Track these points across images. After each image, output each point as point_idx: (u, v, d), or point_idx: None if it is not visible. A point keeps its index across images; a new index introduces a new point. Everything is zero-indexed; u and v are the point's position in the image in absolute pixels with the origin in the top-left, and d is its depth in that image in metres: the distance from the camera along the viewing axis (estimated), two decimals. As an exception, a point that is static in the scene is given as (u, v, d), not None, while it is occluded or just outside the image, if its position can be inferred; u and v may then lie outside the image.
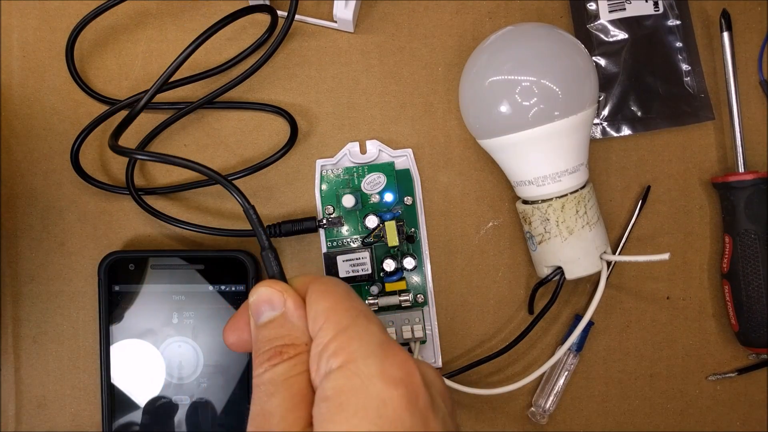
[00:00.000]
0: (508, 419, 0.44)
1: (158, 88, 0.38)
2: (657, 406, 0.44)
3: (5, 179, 0.44)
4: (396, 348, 0.26)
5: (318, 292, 0.28)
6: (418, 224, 0.43)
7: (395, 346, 0.26)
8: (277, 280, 0.29)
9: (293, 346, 0.27)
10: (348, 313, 0.27)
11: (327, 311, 0.27)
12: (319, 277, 0.29)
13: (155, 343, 0.42)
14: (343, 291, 0.28)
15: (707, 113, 0.43)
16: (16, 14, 0.44)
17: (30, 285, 0.44)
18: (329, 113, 0.44)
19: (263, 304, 0.28)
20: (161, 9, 0.44)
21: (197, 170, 0.33)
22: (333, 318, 0.27)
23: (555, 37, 0.38)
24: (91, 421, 0.44)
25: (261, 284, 0.29)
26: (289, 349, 0.27)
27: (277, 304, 0.28)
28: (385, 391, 0.24)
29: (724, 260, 0.42)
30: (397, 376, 0.25)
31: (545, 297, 0.42)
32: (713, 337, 0.44)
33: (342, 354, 0.25)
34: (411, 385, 0.25)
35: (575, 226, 0.39)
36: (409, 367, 0.26)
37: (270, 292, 0.28)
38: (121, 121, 0.39)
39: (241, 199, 0.31)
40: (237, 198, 0.31)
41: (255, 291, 0.29)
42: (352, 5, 0.41)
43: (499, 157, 0.40)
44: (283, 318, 0.28)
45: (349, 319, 0.27)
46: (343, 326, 0.26)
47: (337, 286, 0.28)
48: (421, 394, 0.25)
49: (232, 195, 0.32)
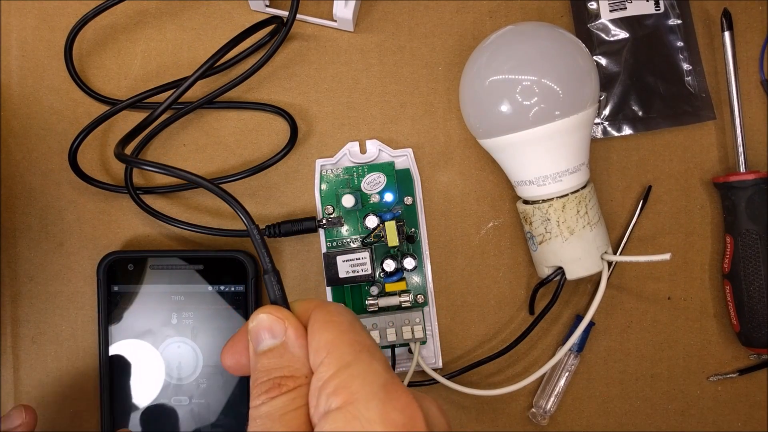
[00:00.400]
0: (508, 420, 0.44)
1: (169, 105, 0.38)
2: (658, 407, 0.44)
3: (4, 179, 0.44)
4: (399, 389, 0.25)
5: (321, 321, 0.27)
6: (418, 224, 0.43)
7: (399, 386, 0.25)
8: (278, 306, 0.28)
9: (292, 378, 0.26)
10: (351, 348, 0.26)
11: (329, 344, 0.26)
12: (322, 304, 0.28)
13: (154, 343, 0.42)
14: (347, 322, 0.27)
15: (708, 113, 0.43)
16: (15, 13, 0.44)
17: (29, 285, 0.44)
18: (329, 113, 0.44)
19: (263, 331, 0.27)
20: (160, 8, 0.44)
21: (207, 188, 0.31)
22: (335, 352, 0.26)
23: (556, 37, 0.38)
24: (90, 422, 0.43)
25: (262, 310, 0.28)
26: (288, 382, 0.26)
27: (278, 333, 0.27)
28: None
29: (725, 260, 0.42)
30: (399, 421, 0.24)
31: (546, 297, 0.42)
32: (714, 337, 0.44)
33: (343, 393, 0.25)
34: (413, 430, 0.24)
35: (576, 226, 0.39)
36: (411, 411, 0.25)
37: (271, 320, 0.27)
38: (130, 131, 0.39)
39: (246, 219, 0.30)
40: (242, 217, 0.30)
41: (255, 316, 0.28)
42: (352, 5, 0.41)
43: (499, 157, 0.40)
44: (283, 347, 0.27)
45: (352, 355, 0.26)
46: (345, 362, 0.25)
47: (341, 315, 0.27)
48: None
49: (237, 213, 0.30)
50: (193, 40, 0.44)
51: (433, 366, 0.43)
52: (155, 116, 0.38)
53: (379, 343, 0.41)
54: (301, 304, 0.29)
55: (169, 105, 0.38)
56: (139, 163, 0.38)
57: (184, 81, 0.38)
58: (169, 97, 0.38)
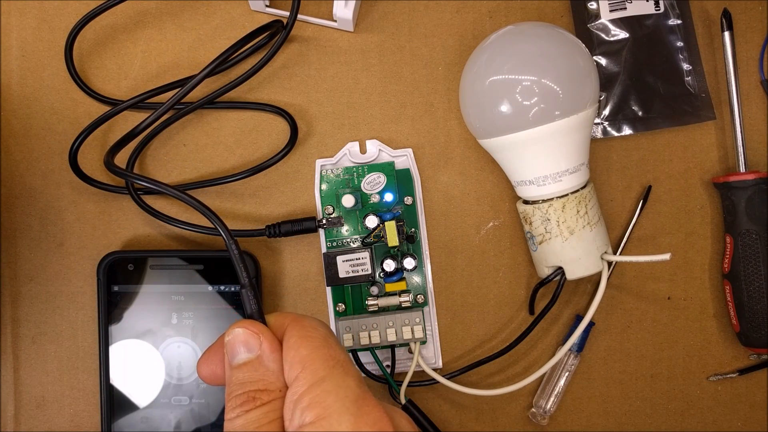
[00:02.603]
0: (508, 420, 0.44)
1: (166, 110, 0.38)
2: (658, 407, 0.44)
3: (4, 179, 0.44)
4: (371, 404, 0.26)
5: (296, 337, 0.28)
6: (418, 224, 0.43)
7: (370, 401, 0.26)
8: (254, 321, 0.29)
9: (267, 392, 0.27)
10: (325, 363, 0.27)
11: (304, 359, 0.27)
12: (298, 318, 0.29)
13: (154, 343, 0.42)
14: (322, 337, 0.28)
15: (708, 113, 0.43)
16: (15, 14, 0.44)
17: (29, 285, 0.44)
18: (329, 113, 0.44)
19: (239, 345, 0.28)
20: (160, 9, 0.44)
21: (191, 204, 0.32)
22: (309, 367, 0.26)
23: (555, 37, 0.38)
24: (90, 422, 0.43)
25: (237, 324, 0.28)
26: (263, 395, 0.27)
27: (253, 347, 0.28)
28: None
29: (725, 260, 0.42)
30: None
31: (546, 297, 0.42)
32: (714, 337, 0.44)
33: (316, 408, 0.25)
34: None
35: (576, 226, 0.39)
36: (383, 425, 0.25)
37: (246, 334, 0.28)
38: (120, 139, 0.38)
39: (225, 233, 0.30)
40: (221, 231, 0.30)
41: (231, 331, 0.28)
42: (352, 5, 0.41)
43: (499, 156, 0.40)
44: (258, 361, 0.28)
45: (326, 370, 0.26)
46: (319, 377, 0.26)
47: (315, 330, 0.28)
48: None
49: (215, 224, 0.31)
50: (193, 41, 0.44)
51: (433, 366, 0.43)
52: (159, 115, 0.38)
53: (379, 343, 0.41)
54: (276, 318, 0.29)
55: (172, 105, 0.38)
56: (126, 174, 0.38)
57: (187, 81, 0.38)
58: (173, 97, 0.38)
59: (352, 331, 0.41)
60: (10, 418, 0.43)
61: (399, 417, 0.28)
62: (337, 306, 0.42)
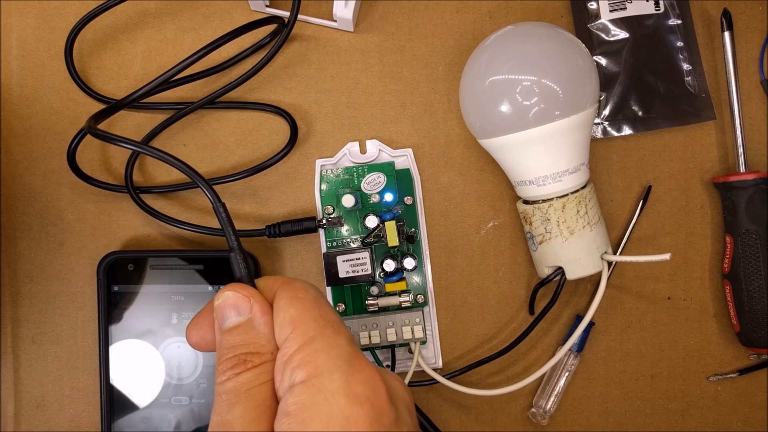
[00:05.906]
0: (508, 420, 0.44)
1: (152, 89, 0.37)
2: (658, 407, 0.44)
3: (4, 179, 0.44)
4: (363, 363, 0.26)
5: (286, 298, 0.27)
6: (418, 224, 0.43)
7: (362, 360, 0.26)
8: (244, 284, 0.28)
9: (258, 355, 0.27)
10: (316, 323, 0.26)
11: (294, 320, 0.26)
12: (288, 281, 0.28)
13: (154, 343, 0.42)
14: (312, 298, 0.27)
15: (708, 113, 0.43)
16: (15, 14, 0.44)
17: (29, 285, 0.44)
18: (329, 113, 0.44)
19: (229, 308, 0.28)
20: (160, 9, 0.44)
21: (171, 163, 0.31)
22: (300, 327, 0.26)
23: (555, 37, 0.38)
24: (90, 422, 0.43)
25: (227, 287, 0.28)
26: (254, 358, 0.27)
27: (244, 310, 0.27)
28: (349, 409, 0.24)
29: (725, 260, 0.42)
30: (362, 393, 0.24)
31: (546, 297, 0.42)
32: (714, 337, 0.44)
33: (307, 367, 0.25)
34: (376, 402, 0.25)
35: (576, 226, 0.39)
36: (375, 383, 0.25)
37: (236, 297, 0.28)
38: (106, 108, 0.36)
39: (212, 196, 0.30)
40: (207, 194, 0.30)
41: (221, 294, 0.28)
42: (352, 5, 0.41)
43: (499, 157, 0.40)
44: (248, 324, 0.27)
45: (317, 330, 0.26)
46: (309, 337, 0.26)
47: (306, 292, 0.28)
48: (386, 412, 0.25)
49: (202, 189, 0.30)
50: (193, 41, 0.44)
51: (433, 366, 0.43)
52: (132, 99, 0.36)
53: (379, 343, 0.41)
54: (266, 281, 0.29)
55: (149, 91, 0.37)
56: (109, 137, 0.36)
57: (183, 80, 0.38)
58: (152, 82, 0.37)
59: (352, 331, 0.41)
60: (10, 418, 0.43)
61: (392, 379, 0.27)
62: (337, 306, 0.42)
